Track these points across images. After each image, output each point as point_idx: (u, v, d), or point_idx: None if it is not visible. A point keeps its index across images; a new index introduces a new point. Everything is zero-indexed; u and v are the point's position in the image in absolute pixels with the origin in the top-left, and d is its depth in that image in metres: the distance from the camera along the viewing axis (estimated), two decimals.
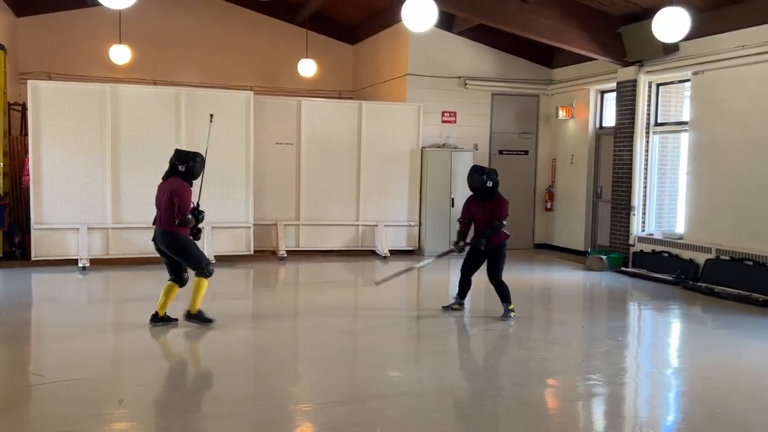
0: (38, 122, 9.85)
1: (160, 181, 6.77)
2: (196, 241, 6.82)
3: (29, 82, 10.00)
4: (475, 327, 7.40)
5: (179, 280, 6.80)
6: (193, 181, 6.72)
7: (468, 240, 7.55)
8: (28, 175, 9.98)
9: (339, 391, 5.14)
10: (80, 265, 9.82)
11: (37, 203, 9.87)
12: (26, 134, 10.86)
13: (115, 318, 7.36)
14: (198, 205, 6.77)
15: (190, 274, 6.85)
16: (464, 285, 7.73)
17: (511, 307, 7.43)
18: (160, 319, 6.80)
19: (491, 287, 7.47)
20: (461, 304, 7.77)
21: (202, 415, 4.52)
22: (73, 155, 10.00)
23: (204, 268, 6.70)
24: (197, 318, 6.80)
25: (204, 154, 6.92)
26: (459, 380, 5.55)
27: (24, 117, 11.41)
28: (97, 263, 9.99)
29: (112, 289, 9.17)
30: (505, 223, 7.33)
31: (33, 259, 9.89)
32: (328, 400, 4.85)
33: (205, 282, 6.75)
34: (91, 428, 4.35)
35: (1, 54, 10.27)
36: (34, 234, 9.89)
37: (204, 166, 6.80)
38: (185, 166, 6.60)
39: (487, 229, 7.29)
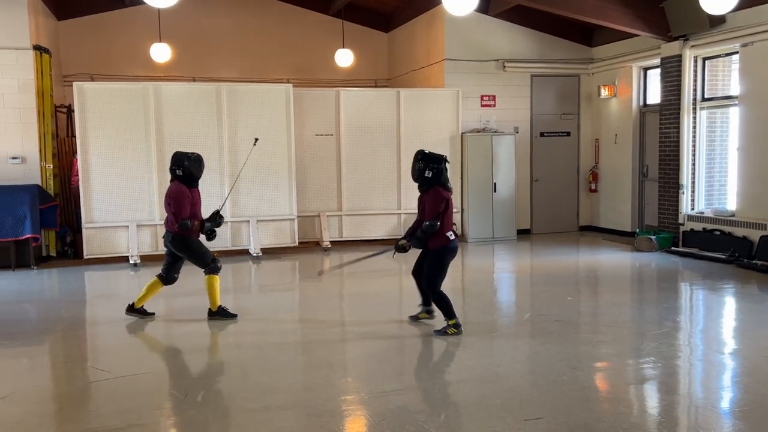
0: (85, 123, 10.04)
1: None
2: (210, 241, 6.87)
3: (75, 83, 10.19)
4: (526, 313, 7.32)
5: (167, 278, 6.90)
6: (197, 182, 6.74)
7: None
8: (77, 175, 10.19)
9: (398, 379, 5.15)
10: (131, 261, 10.01)
11: (87, 203, 10.08)
12: (73, 136, 11.11)
13: (168, 313, 7.47)
14: (218, 210, 6.88)
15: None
16: (423, 290, 6.54)
17: (451, 322, 6.15)
18: (135, 311, 6.94)
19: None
20: (429, 312, 6.62)
21: (265, 406, 4.57)
22: (119, 154, 10.17)
23: (210, 265, 6.78)
24: (219, 314, 6.87)
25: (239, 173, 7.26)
26: (517, 366, 5.51)
27: (70, 118, 11.65)
28: (148, 259, 10.17)
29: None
30: (436, 223, 5.99)
31: (85, 257, 10.11)
32: (389, 388, 4.85)
33: (216, 278, 6.81)
34: (159, 421, 4.44)
35: (46, 57, 10.48)
36: (85, 233, 10.11)
37: (202, 166, 6.74)
38: (181, 169, 6.61)
39: (417, 230, 6.17)
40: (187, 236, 6.74)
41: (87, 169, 10.07)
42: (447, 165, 6.22)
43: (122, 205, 10.21)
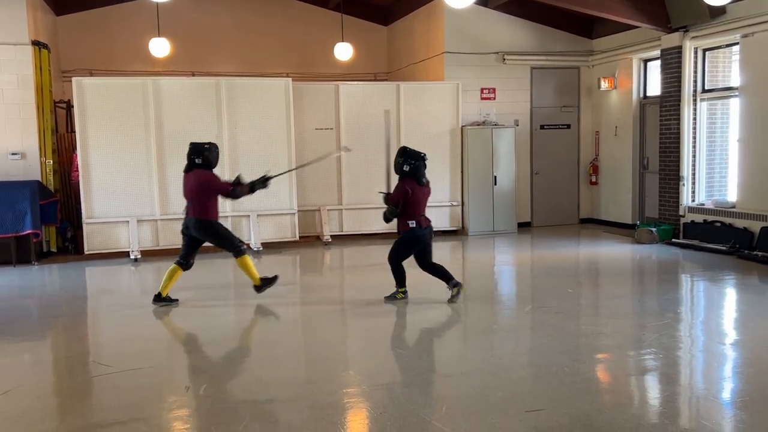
0: (84, 118, 10.03)
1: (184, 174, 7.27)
2: (263, 188, 7.22)
3: (74, 79, 10.16)
4: (527, 305, 7.33)
5: (185, 264, 7.18)
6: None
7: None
8: (77, 171, 10.19)
9: (400, 371, 5.16)
10: (132, 257, 10.02)
11: (87, 198, 10.08)
12: (72, 131, 11.10)
13: (169, 307, 7.48)
14: (266, 175, 7.23)
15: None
16: (437, 274, 7.19)
17: (401, 290, 7.13)
18: (162, 300, 7.20)
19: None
20: (456, 285, 7.09)
21: (267, 399, 4.58)
22: (119, 149, 10.17)
23: (238, 248, 7.14)
24: (265, 285, 7.33)
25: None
26: (518, 358, 5.52)
27: (69, 114, 11.64)
28: (148, 254, 10.18)
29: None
30: (394, 209, 6.83)
31: (86, 252, 10.12)
32: (390, 380, 4.86)
33: (246, 257, 7.18)
34: (161, 415, 4.44)
35: (44, 53, 10.46)
36: (85, 228, 10.12)
37: (218, 155, 7.22)
38: (201, 158, 7.04)
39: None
40: (216, 222, 7.11)
41: (87, 165, 10.06)
42: (425, 162, 7.00)
43: (122, 201, 10.21)
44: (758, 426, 4.02)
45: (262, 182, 7.19)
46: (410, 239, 6.99)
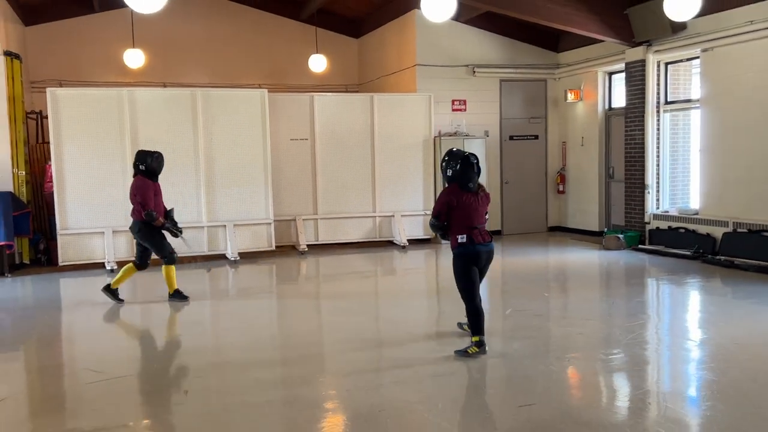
0: (58, 129, 9.96)
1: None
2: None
3: (48, 90, 10.09)
4: (507, 308, 7.54)
5: (140, 264, 7.70)
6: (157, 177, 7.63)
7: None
8: (51, 182, 10.10)
9: (392, 372, 5.29)
10: (107, 267, 9.95)
11: (61, 209, 10.00)
12: (44, 142, 11.00)
13: (150, 316, 7.48)
14: (171, 209, 7.73)
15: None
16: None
17: (474, 339, 5.57)
18: (109, 291, 7.82)
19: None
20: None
21: (266, 401, 4.66)
22: (94, 160, 10.12)
23: (168, 256, 7.63)
24: (176, 296, 7.82)
25: None
26: (505, 358, 5.67)
27: (40, 125, 11.52)
28: (124, 265, 10.09)
29: (141, 289, 9.27)
30: (434, 221, 5.69)
31: (60, 264, 10.01)
32: (385, 381, 5.00)
33: (172, 268, 7.75)
34: (166, 417, 4.49)
35: (16, 63, 10.37)
36: (60, 239, 10.02)
37: (162, 163, 7.65)
38: (144, 165, 7.53)
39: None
40: (152, 227, 7.51)
41: (61, 176, 9.99)
42: (476, 164, 5.62)
43: (97, 211, 10.15)
44: (726, 419, 4.27)
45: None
46: (458, 257, 5.63)
